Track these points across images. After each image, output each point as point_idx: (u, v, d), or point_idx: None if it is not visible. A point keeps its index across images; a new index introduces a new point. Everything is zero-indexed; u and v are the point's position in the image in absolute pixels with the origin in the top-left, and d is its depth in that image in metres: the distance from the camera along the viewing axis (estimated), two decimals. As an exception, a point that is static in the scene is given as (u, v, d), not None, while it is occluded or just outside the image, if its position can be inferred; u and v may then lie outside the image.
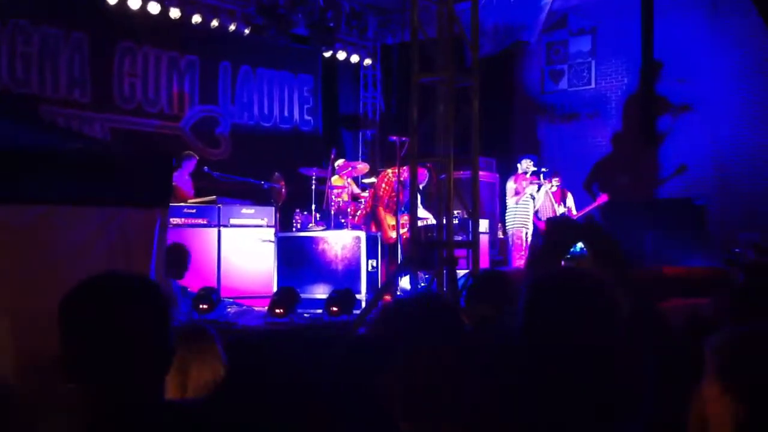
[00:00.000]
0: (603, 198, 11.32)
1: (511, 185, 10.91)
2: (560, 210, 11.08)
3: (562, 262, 2.59)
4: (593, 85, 13.46)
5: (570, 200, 11.31)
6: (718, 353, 1.67)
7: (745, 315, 2.66)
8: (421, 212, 8.32)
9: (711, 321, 2.78)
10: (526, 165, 10.94)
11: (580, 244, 2.58)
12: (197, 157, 10.10)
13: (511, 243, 10.84)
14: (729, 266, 9.08)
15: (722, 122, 11.76)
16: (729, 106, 11.73)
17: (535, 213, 10.99)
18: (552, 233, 2.65)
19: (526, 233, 10.85)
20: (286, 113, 13.01)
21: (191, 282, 7.75)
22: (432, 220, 8.40)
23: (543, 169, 11.11)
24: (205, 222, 8.99)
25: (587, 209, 11.30)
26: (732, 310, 2.82)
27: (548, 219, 4.11)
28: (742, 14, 9.48)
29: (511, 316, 2.91)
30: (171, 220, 8.35)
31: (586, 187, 12.69)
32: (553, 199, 11.06)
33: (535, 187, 10.88)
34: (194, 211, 9.04)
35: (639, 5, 12.57)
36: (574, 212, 11.18)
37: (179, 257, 6.79)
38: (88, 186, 5.20)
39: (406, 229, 8.38)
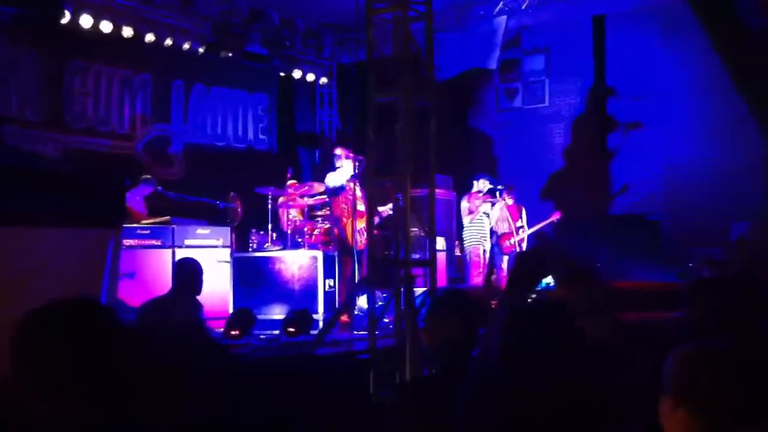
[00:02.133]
0: (556, 215, 11.43)
1: (464, 204, 10.99)
2: (518, 224, 11.17)
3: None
4: (547, 103, 13.63)
5: (524, 215, 11.40)
6: (671, 369, 1.71)
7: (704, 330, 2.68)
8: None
9: (676, 336, 2.80)
10: (482, 184, 11.01)
11: (546, 279, 2.62)
12: (156, 183, 9.93)
13: (468, 260, 10.88)
14: (682, 281, 9.20)
15: (675, 139, 11.96)
16: (681, 122, 11.94)
17: (493, 230, 11.04)
18: (520, 267, 2.67)
19: (484, 250, 10.90)
20: (240, 132, 12.90)
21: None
22: None
23: (499, 187, 11.18)
24: (159, 243, 8.84)
25: (540, 225, 11.39)
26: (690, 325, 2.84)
27: (517, 253, 4.13)
28: (694, 33, 9.66)
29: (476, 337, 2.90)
30: (124, 241, 8.21)
31: (543, 197, 12.79)
32: (509, 216, 11.12)
33: (489, 205, 10.94)
34: (148, 232, 8.89)
35: (590, 24, 12.78)
36: (527, 228, 11.27)
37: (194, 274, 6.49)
38: (40, 207, 5.10)
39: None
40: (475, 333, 3.23)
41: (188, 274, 6.34)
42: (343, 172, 8.89)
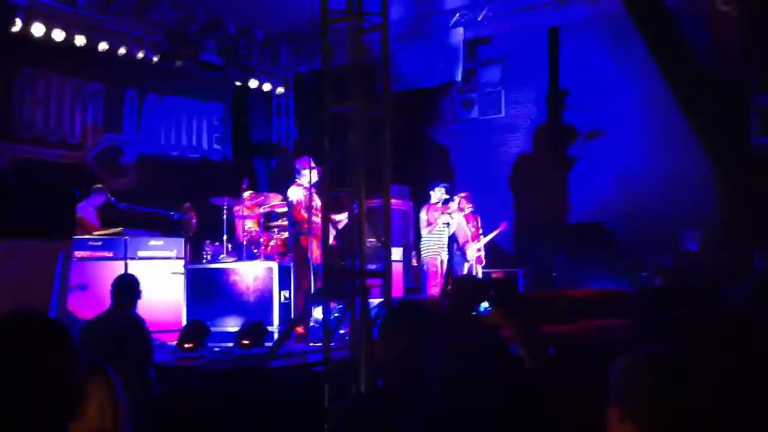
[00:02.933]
0: (503, 225, 11.56)
1: (423, 216, 11.01)
2: (472, 230, 11.29)
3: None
4: (503, 114, 13.72)
5: (479, 223, 11.51)
6: (616, 378, 1.69)
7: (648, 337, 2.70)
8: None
9: (624, 343, 2.81)
10: (439, 193, 11.04)
11: (485, 304, 2.65)
12: (108, 193, 9.78)
13: (426, 270, 10.89)
14: (639, 288, 9.30)
15: (628, 147, 12.11)
16: (633, 132, 12.10)
17: (453, 237, 11.09)
18: (458, 293, 2.71)
19: (441, 261, 10.93)
20: (194, 142, 12.78)
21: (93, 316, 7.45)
22: None
23: (456, 197, 11.22)
24: (111, 255, 8.71)
25: (489, 237, 11.50)
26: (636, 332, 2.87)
27: (455, 279, 4.16)
28: (643, 44, 9.79)
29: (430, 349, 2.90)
30: (76, 253, 8.07)
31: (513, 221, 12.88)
32: (464, 223, 11.19)
33: (448, 216, 10.98)
34: (100, 243, 8.75)
35: (545, 35, 12.91)
36: (482, 237, 11.37)
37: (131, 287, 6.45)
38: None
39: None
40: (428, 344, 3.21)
41: (125, 290, 6.25)
42: (304, 183, 8.86)
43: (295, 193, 8.92)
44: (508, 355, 1.86)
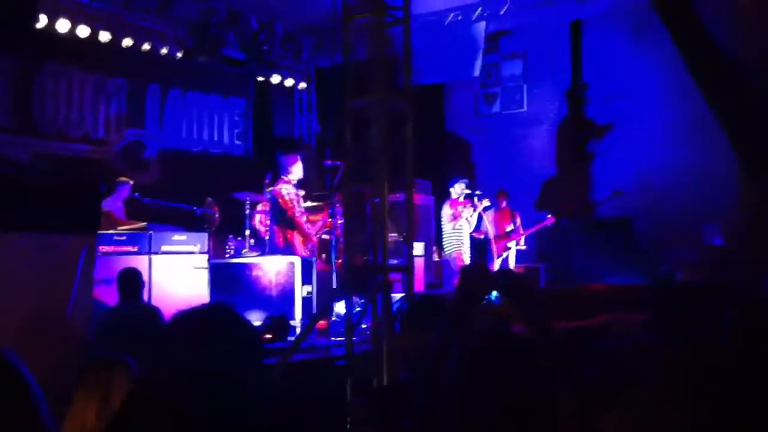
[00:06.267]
0: (550, 220, 11.53)
1: (447, 211, 11.03)
2: (508, 229, 11.33)
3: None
4: (525, 108, 13.67)
5: (518, 221, 11.57)
6: (604, 368, 1.70)
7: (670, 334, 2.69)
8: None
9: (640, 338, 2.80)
10: (459, 188, 11.05)
11: (494, 293, 2.67)
12: (131, 183, 9.88)
13: (452, 266, 10.91)
14: (656, 283, 9.25)
15: (650, 141, 12.02)
16: (655, 125, 12.00)
17: (485, 232, 11.14)
18: (466, 282, 2.71)
19: (465, 255, 11.03)
20: (216, 137, 12.83)
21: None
22: None
23: (477, 192, 11.21)
24: (135, 249, 8.75)
25: (533, 229, 11.53)
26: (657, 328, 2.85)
27: (462, 268, 4.14)
28: (665, 37, 9.71)
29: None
30: (100, 248, 8.13)
31: (538, 208, 12.86)
32: (487, 221, 11.17)
33: (471, 209, 11.00)
34: (124, 238, 8.80)
35: (567, 29, 12.84)
36: (522, 231, 11.45)
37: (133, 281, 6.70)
38: (10, 212, 5.03)
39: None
40: (449, 338, 3.22)
41: (127, 283, 6.47)
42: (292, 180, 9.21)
43: (284, 189, 9.09)
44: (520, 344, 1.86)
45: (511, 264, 11.37)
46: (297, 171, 9.29)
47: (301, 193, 9.36)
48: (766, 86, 9.46)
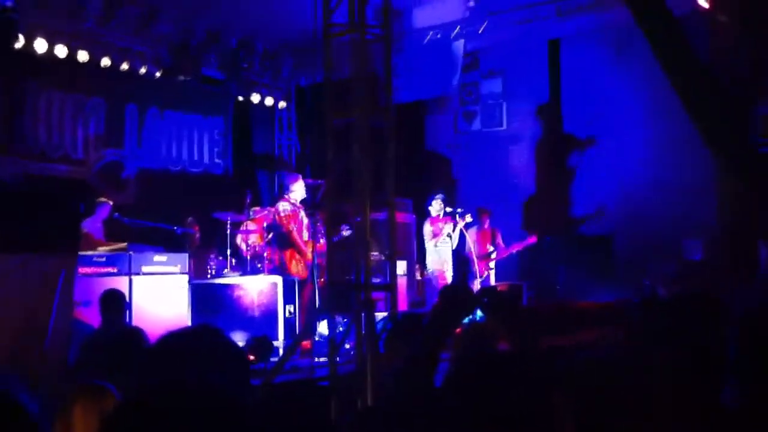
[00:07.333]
0: (532, 239, 11.55)
1: (428, 228, 11.04)
2: (491, 249, 11.34)
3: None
4: (505, 126, 13.72)
5: (499, 240, 11.57)
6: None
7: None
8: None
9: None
10: (437, 205, 11.08)
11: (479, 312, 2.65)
12: (111, 203, 9.80)
13: (435, 283, 10.89)
14: (637, 298, 9.30)
15: (629, 157, 12.11)
16: (635, 141, 12.09)
17: (469, 252, 11.13)
18: (446, 302, 2.68)
19: (448, 272, 11.01)
20: (195, 156, 12.76)
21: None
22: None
23: (458, 209, 11.22)
24: (115, 270, 8.65)
25: (515, 248, 11.52)
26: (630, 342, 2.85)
27: (443, 286, 4.21)
28: (645, 54, 9.81)
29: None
30: (80, 269, 8.03)
31: (524, 227, 12.88)
32: (469, 238, 11.17)
33: (451, 225, 11.01)
34: (104, 259, 8.71)
35: (545, 47, 12.93)
36: (502, 248, 11.46)
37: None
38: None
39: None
40: (433, 356, 3.19)
41: (110, 304, 6.39)
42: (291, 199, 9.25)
43: (281, 206, 9.23)
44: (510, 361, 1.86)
45: (492, 281, 11.37)
46: (299, 190, 9.38)
47: (303, 212, 9.41)
48: (740, 96, 9.60)
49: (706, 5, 9.95)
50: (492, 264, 11.47)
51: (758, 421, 1.74)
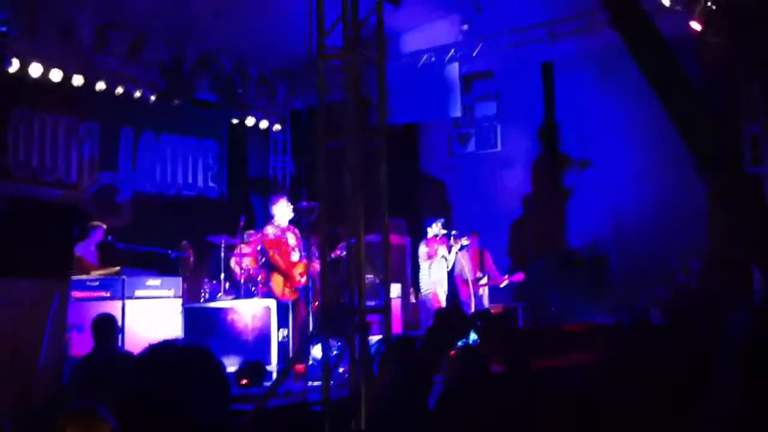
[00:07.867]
0: (519, 276, 11.53)
1: (423, 249, 11.01)
2: (479, 272, 11.30)
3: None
4: (499, 148, 13.76)
5: (489, 261, 11.52)
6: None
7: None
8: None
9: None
10: (436, 228, 11.05)
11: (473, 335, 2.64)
12: (104, 227, 9.78)
13: (429, 305, 10.85)
14: (629, 320, 9.31)
15: (621, 179, 12.13)
16: (627, 163, 12.12)
17: (459, 275, 11.08)
18: (440, 325, 2.68)
19: (442, 294, 10.97)
20: (190, 180, 12.76)
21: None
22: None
23: (453, 232, 11.21)
24: (108, 295, 8.62)
25: (502, 282, 11.49)
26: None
27: (437, 310, 4.16)
28: (638, 76, 9.88)
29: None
30: (73, 293, 8.00)
31: (509, 254, 12.88)
32: (463, 260, 11.15)
33: (446, 248, 10.99)
34: (97, 283, 8.68)
35: (539, 70, 13.00)
36: (492, 275, 11.40)
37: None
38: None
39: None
40: (426, 379, 3.17)
41: (102, 329, 6.37)
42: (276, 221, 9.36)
43: (268, 230, 9.38)
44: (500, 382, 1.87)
45: (485, 303, 11.34)
46: (281, 212, 9.41)
47: (290, 233, 9.43)
48: (736, 121, 9.66)
49: (697, 27, 10.03)
50: (481, 291, 11.44)
51: None
